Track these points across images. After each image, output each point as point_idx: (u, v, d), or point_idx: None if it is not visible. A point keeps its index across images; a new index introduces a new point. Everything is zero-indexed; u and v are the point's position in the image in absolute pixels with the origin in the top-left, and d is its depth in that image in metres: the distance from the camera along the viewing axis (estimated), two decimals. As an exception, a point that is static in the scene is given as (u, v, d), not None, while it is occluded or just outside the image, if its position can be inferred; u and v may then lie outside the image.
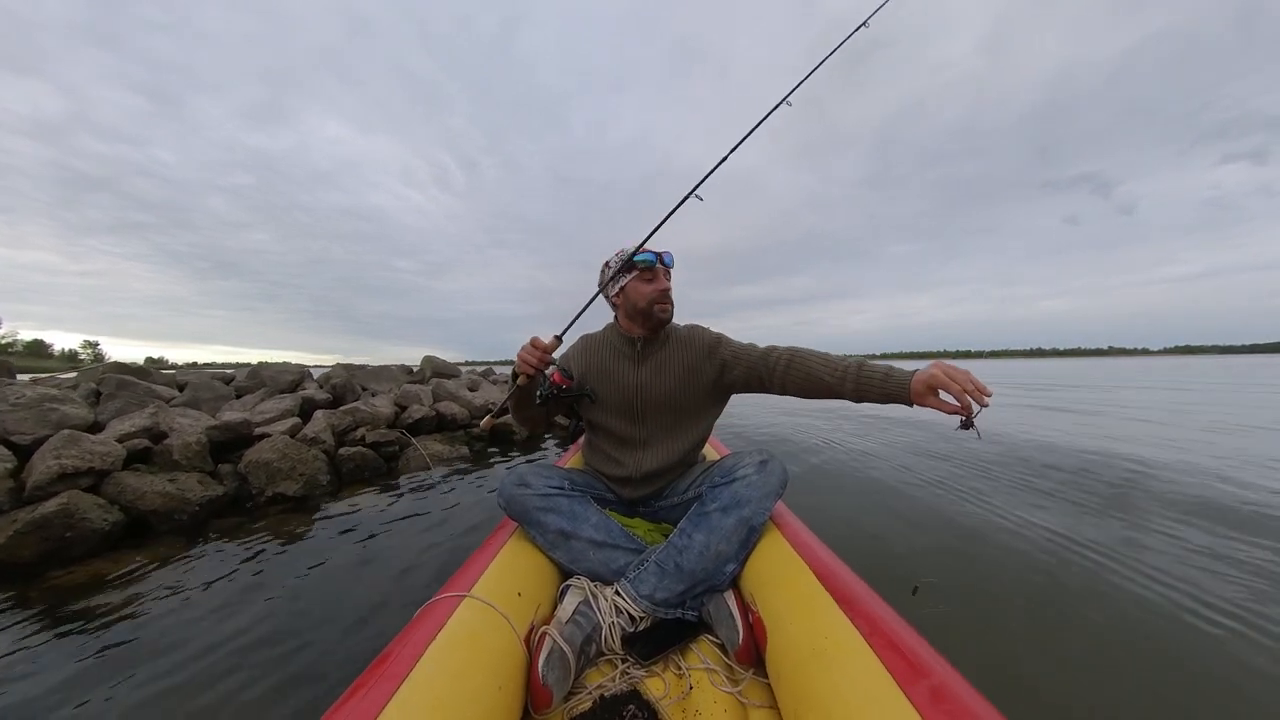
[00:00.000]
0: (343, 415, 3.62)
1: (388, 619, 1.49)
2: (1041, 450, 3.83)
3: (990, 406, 0.87)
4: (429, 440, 3.82)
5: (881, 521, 2.28)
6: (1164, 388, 11.10)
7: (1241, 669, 1.23)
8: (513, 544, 1.09)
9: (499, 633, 0.82)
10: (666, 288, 1.27)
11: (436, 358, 6.13)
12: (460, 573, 0.95)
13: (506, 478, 1.18)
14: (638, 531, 1.21)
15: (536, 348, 1.14)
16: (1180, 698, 1.14)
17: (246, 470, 2.74)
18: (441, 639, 0.74)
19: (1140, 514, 2.33)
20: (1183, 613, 1.47)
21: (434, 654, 0.70)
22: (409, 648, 0.71)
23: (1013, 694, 1.11)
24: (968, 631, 1.40)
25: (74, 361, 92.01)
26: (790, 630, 0.81)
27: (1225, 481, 2.88)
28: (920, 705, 0.57)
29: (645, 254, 1.25)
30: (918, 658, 0.64)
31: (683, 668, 0.91)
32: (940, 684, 0.59)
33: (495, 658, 0.78)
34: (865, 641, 0.69)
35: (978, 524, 2.20)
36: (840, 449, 4.04)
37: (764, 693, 0.85)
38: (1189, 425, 5.25)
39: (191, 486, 2.46)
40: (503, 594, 0.91)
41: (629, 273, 1.28)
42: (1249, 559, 1.82)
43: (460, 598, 0.85)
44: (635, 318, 1.29)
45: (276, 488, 2.70)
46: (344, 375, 4.51)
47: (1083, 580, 1.68)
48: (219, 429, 2.99)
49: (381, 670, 0.66)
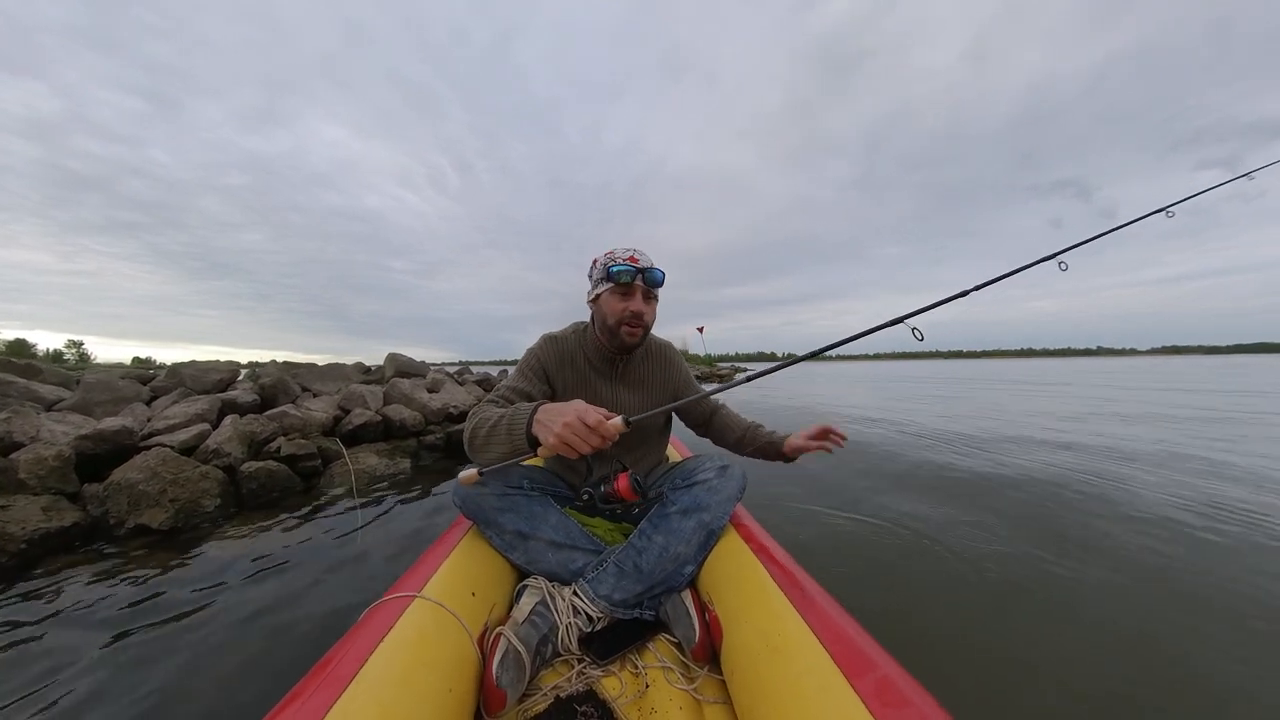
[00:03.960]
0: (265, 422, 3.08)
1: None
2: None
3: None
4: (366, 452, 3.31)
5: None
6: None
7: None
8: (467, 543, 1.06)
9: (450, 634, 0.79)
10: (640, 311, 1.15)
11: (401, 355, 5.57)
12: (410, 572, 0.91)
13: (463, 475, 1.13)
14: (597, 531, 1.19)
15: (597, 431, 0.85)
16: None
17: (107, 494, 2.17)
18: (389, 641, 0.70)
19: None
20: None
21: (380, 656, 0.67)
22: (353, 651, 0.67)
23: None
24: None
25: (59, 362, 78.14)
26: (745, 628, 0.82)
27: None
28: (866, 697, 0.59)
29: (624, 266, 1.12)
30: (865, 653, 0.67)
31: (639, 666, 0.91)
32: (885, 677, 0.62)
33: (446, 659, 0.75)
34: (816, 637, 0.71)
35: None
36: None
37: (719, 688, 0.86)
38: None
39: (28, 515, 1.91)
40: (455, 594, 0.87)
41: (606, 282, 1.16)
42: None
43: (410, 598, 0.81)
44: (604, 332, 1.21)
45: (139, 517, 2.11)
46: (277, 374, 3.94)
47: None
48: (91, 439, 2.42)
49: (324, 675, 0.62)
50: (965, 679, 1.20)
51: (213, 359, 14.24)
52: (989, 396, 9.40)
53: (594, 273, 1.23)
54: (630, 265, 1.13)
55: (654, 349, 1.35)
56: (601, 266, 1.19)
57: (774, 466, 1.37)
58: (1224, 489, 2.76)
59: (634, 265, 1.14)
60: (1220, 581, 1.67)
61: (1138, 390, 10.46)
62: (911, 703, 0.58)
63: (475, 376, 6.60)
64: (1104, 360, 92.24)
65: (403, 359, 5.58)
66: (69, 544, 2.01)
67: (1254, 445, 4.05)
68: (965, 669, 1.24)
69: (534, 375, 1.23)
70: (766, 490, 2.68)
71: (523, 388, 1.19)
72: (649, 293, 1.19)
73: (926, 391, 11.16)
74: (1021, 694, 1.16)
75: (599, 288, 1.19)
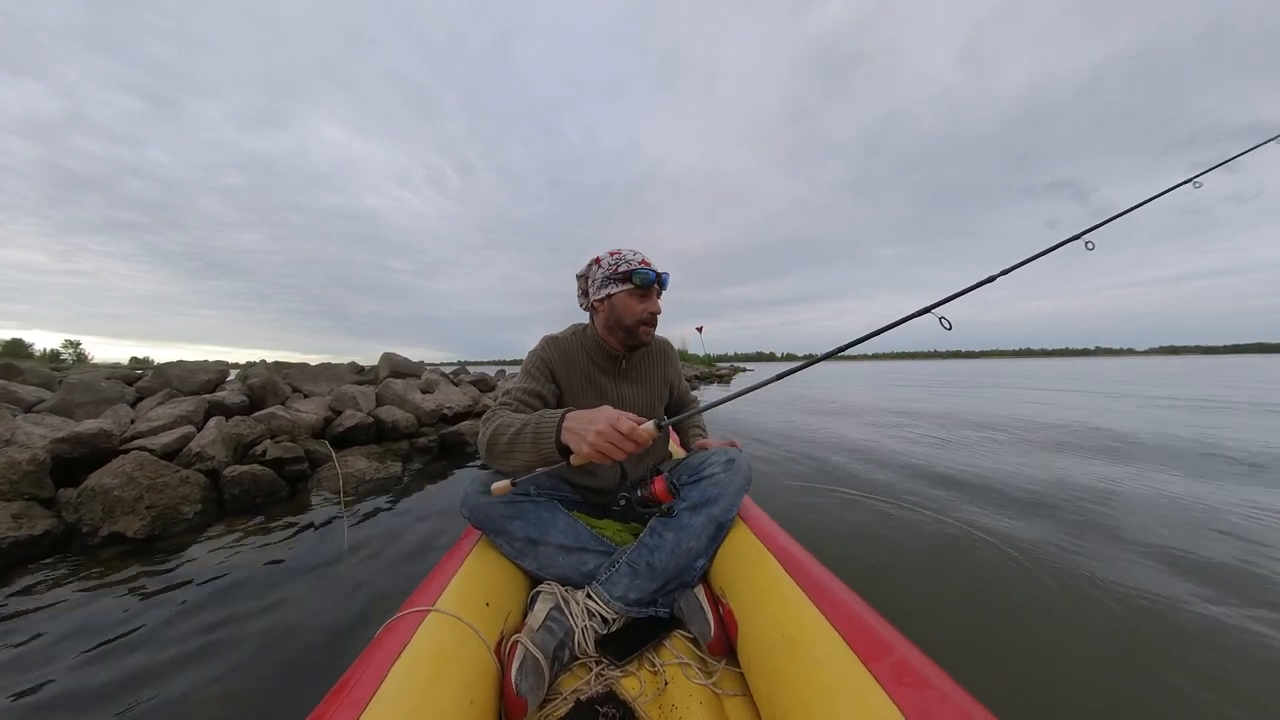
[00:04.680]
0: (252, 424, 3.01)
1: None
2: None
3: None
4: (356, 455, 3.22)
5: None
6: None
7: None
8: (478, 553, 1.06)
9: (468, 645, 0.79)
10: (658, 310, 1.22)
11: (396, 355, 5.44)
12: (424, 586, 0.91)
13: (469, 485, 1.13)
14: (606, 533, 1.20)
15: (631, 438, 0.83)
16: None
17: (81, 500, 2.09)
18: (406, 657, 0.70)
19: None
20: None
21: (398, 673, 0.67)
22: (370, 670, 0.67)
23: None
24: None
25: (56, 362, 73.66)
26: (760, 619, 0.83)
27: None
28: (884, 680, 0.60)
29: (646, 271, 1.17)
30: (880, 637, 0.68)
31: (657, 664, 0.92)
32: (901, 659, 0.63)
33: (465, 671, 0.75)
34: (830, 624, 0.72)
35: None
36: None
37: (737, 681, 0.87)
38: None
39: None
40: (469, 605, 0.88)
41: (622, 284, 1.19)
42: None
43: (425, 612, 0.81)
44: (615, 331, 1.23)
45: (114, 525, 2.04)
46: (266, 374, 3.84)
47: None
48: (67, 442, 2.33)
49: (341, 697, 0.62)
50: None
51: (210, 359, 13.61)
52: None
53: (596, 273, 1.23)
54: (650, 269, 1.18)
55: (654, 345, 1.38)
56: (609, 267, 1.19)
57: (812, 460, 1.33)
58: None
59: (652, 269, 1.18)
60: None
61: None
62: (930, 683, 0.59)
63: (471, 377, 6.48)
64: (1103, 360, 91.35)
65: (397, 359, 5.44)
66: (40, 553, 1.93)
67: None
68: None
69: (541, 375, 1.23)
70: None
71: (534, 388, 1.20)
72: (661, 294, 1.24)
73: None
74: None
75: (610, 288, 1.20)
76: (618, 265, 1.18)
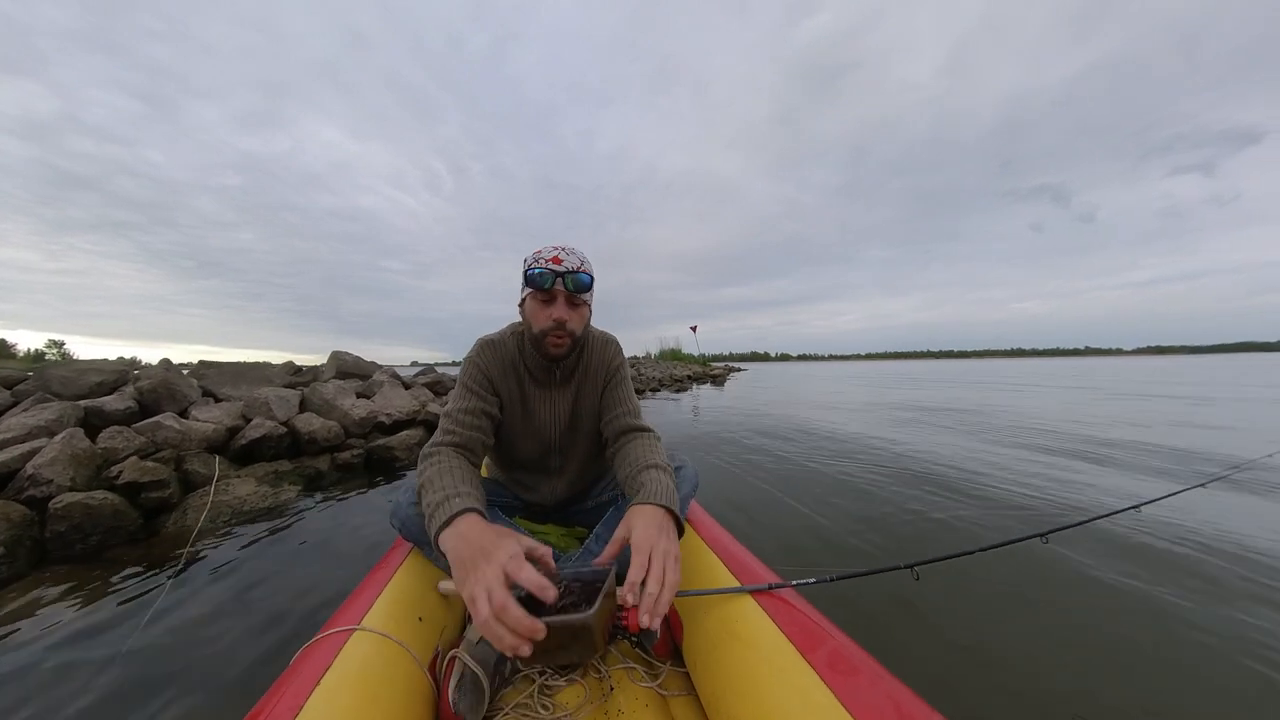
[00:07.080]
0: (131, 436, 2.48)
1: None
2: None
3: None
4: (247, 476, 2.71)
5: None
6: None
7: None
8: (409, 566, 0.99)
9: (397, 664, 0.74)
10: (563, 319, 1.00)
11: (346, 354, 4.85)
12: (347, 605, 0.84)
13: (401, 495, 1.05)
14: (550, 538, 1.17)
15: (500, 619, 0.61)
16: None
17: None
18: (327, 682, 0.64)
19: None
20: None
21: (318, 701, 0.61)
22: (286, 698, 0.60)
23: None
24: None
25: (39, 361, 51.40)
26: (704, 619, 0.85)
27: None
28: (819, 668, 0.64)
29: (541, 269, 0.98)
30: (816, 629, 0.72)
31: (602, 670, 0.91)
32: (835, 649, 0.67)
33: (395, 691, 0.70)
34: (771, 620, 0.75)
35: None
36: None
37: (682, 681, 0.88)
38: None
39: None
40: (400, 622, 0.82)
41: (527, 287, 1.03)
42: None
43: (349, 631, 0.74)
44: (530, 341, 1.08)
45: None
46: (160, 375, 3.26)
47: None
48: None
49: (252, 729, 0.55)
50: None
51: (195, 359, 11.65)
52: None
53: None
54: (550, 268, 0.98)
55: (595, 344, 1.19)
56: (524, 268, 1.03)
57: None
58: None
59: (555, 267, 0.98)
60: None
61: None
62: (859, 669, 0.64)
63: (435, 376, 5.85)
64: (1093, 360, 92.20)
65: (347, 358, 4.87)
66: None
67: None
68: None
69: (481, 388, 1.10)
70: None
71: (476, 406, 1.07)
72: (574, 298, 1.03)
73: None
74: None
75: (522, 292, 1.06)
76: (525, 266, 1.01)
